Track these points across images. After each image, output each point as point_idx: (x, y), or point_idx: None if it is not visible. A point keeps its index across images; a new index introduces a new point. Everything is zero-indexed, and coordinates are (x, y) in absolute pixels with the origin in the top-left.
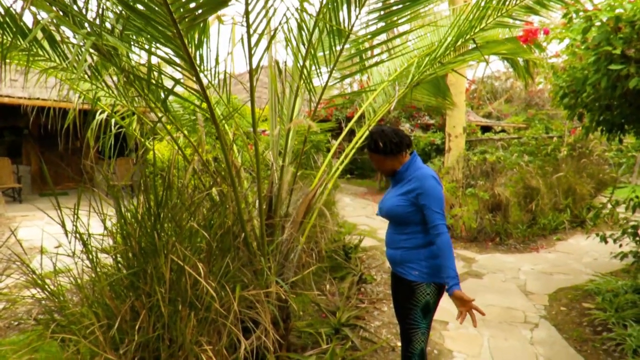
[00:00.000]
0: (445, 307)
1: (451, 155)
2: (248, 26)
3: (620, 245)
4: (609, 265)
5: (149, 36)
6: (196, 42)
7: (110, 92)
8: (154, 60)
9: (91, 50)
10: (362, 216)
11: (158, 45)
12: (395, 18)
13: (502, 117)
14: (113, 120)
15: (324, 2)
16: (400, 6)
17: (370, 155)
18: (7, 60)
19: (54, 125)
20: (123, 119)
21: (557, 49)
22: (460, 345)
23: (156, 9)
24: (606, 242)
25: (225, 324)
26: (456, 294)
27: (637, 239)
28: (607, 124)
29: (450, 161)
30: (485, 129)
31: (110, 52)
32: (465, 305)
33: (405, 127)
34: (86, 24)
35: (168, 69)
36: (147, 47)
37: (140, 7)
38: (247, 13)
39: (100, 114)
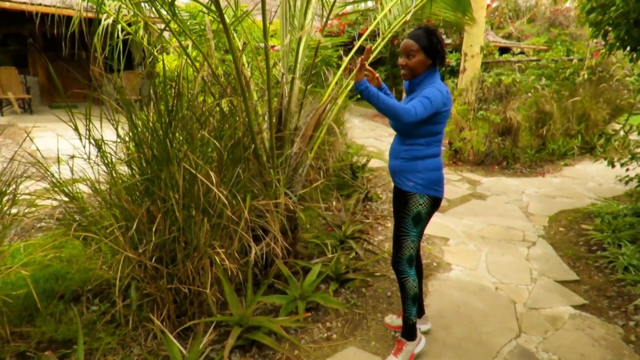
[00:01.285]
0: (447, 224)
1: (465, 76)
2: None
3: (627, 170)
4: (613, 191)
5: None
6: None
7: None
8: None
9: None
10: (371, 138)
11: None
12: None
13: (522, 37)
14: (120, 27)
15: None
16: None
17: (412, 49)
18: None
19: (59, 33)
20: (130, 25)
21: None
22: (458, 259)
23: None
24: (613, 166)
25: (237, 230)
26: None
27: None
28: (632, 41)
29: (464, 82)
30: (504, 50)
31: None
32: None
33: None
34: None
35: None
36: None
37: None
38: None
39: (106, 19)
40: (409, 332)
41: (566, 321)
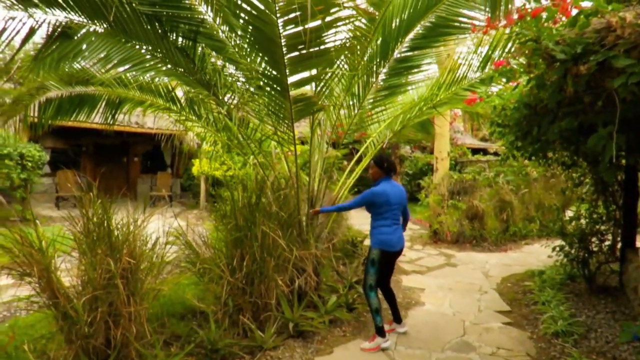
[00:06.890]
0: (424, 281)
1: (438, 174)
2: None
3: (548, 239)
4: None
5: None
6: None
7: (216, 132)
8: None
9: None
10: (366, 224)
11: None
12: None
13: (494, 140)
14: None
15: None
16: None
17: (373, 166)
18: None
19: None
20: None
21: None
22: (430, 300)
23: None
24: (540, 237)
25: (288, 267)
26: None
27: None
28: (524, 151)
29: (437, 179)
30: (479, 150)
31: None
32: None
33: (406, 149)
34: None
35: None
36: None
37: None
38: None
39: (200, 145)
40: (378, 331)
41: (495, 330)
